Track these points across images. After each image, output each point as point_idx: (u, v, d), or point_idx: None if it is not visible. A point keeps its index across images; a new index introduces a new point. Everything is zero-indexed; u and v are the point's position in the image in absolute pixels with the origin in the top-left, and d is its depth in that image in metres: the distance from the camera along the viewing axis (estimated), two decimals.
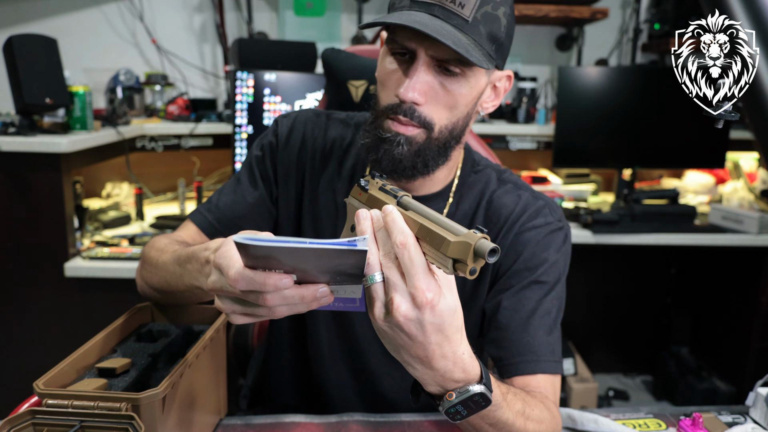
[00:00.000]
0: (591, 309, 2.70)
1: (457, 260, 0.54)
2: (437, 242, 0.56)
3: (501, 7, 0.76)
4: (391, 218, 0.58)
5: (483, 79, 0.81)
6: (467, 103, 0.81)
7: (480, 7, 0.74)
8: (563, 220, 0.93)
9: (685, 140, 2.36)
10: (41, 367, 0.69)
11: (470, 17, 0.74)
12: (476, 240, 0.53)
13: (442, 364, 0.59)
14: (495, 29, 0.76)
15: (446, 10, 0.74)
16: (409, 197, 0.65)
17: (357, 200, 0.72)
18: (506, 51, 0.80)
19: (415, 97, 0.77)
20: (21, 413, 0.62)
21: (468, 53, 0.72)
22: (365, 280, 0.58)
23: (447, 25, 0.74)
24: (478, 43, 0.75)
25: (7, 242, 1.75)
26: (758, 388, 0.87)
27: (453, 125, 0.82)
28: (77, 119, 1.81)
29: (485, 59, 0.75)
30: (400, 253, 0.56)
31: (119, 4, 2.40)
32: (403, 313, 0.55)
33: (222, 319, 0.84)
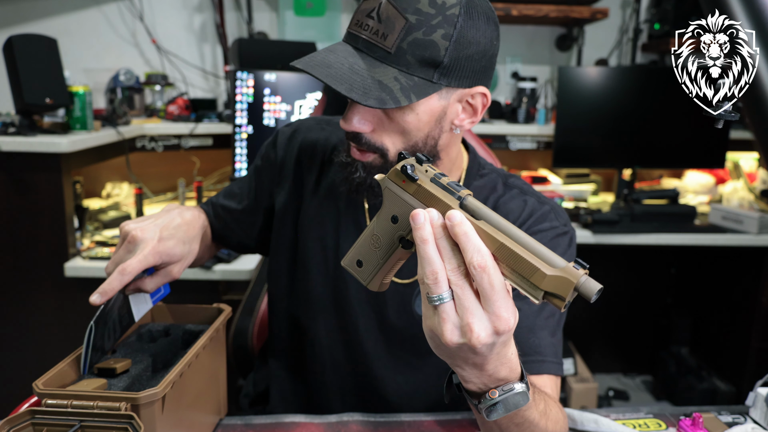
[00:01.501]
0: (591, 309, 2.69)
1: (551, 294, 0.51)
2: (526, 270, 0.51)
3: (437, 30, 0.73)
4: (462, 232, 0.53)
5: (436, 102, 0.78)
6: (420, 128, 0.79)
7: (405, 37, 0.73)
8: (569, 225, 0.93)
9: (685, 140, 2.36)
10: (41, 367, 0.69)
11: (393, 48, 0.73)
12: (579, 278, 0.49)
13: (493, 366, 0.58)
14: (430, 54, 0.73)
15: (369, 43, 0.75)
16: (471, 196, 0.58)
17: (399, 187, 0.61)
18: (466, 70, 0.77)
19: (354, 128, 0.79)
20: (20, 413, 0.61)
21: (365, 94, 0.72)
22: (431, 299, 0.54)
23: (364, 60, 0.74)
24: (409, 72, 0.74)
25: (7, 242, 1.75)
26: (758, 388, 0.87)
27: (414, 147, 0.81)
28: (77, 119, 1.81)
29: (403, 94, 0.73)
30: (477, 276, 0.52)
31: (119, 4, 2.40)
32: (483, 341, 0.53)
33: (222, 319, 0.84)
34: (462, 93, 0.80)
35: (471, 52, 0.76)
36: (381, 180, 0.64)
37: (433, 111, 0.79)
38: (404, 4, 0.73)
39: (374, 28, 0.74)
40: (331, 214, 0.96)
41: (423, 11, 0.73)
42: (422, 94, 0.75)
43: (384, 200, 0.63)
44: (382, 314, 0.93)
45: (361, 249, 0.65)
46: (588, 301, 0.50)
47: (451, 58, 0.75)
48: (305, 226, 0.98)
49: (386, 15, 0.73)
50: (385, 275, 0.65)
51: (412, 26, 0.73)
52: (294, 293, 1.00)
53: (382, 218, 0.63)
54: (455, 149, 0.90)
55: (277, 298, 1.03)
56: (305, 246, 0.97)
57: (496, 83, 2.65)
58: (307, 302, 0.98)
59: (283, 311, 1.02)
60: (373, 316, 0.94)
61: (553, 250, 0.88)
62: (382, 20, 0.74)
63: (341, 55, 0.75)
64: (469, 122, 0.83)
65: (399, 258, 0.64)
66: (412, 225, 0.55)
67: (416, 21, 0.73)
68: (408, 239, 0.61)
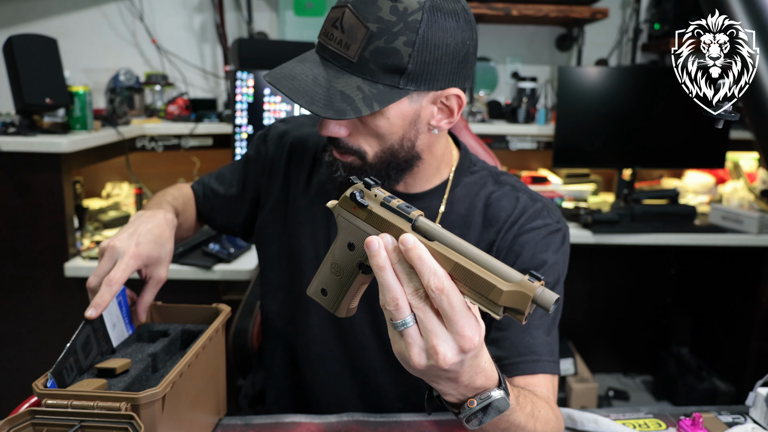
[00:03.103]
0: (591, 309, 2.70)
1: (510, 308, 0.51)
2: (483, 287, 0.52)
3: (399, 37, 0.73)
4: (417, 255, 0.53)
5: (407, 106, 0.79)
6: (394, 131, 0.80)
7: (367, 46, 0.73)
8: (562, 221, 0.93)
9: (685, 140, 2.36)
10: (41, 367, 0.69)
11: (356, 57, 0.74)
12: (535, 290, 0.50)
13: (468, 377, 0.58)
14: (393, 62, 0.74)
15: (334, 53, 0.76)
16: (423, 216, 0.58)
17: (352, 214, 0.61)
18: (435, 73, 0.77)
19: (330, 133, 0.81)
20: (21, 413, 0.61)
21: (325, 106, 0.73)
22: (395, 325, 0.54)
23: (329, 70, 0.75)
24: (373, 81, 0.75)
25: (7, 242, 1.75)
26: (758, 388, 0.87)
27: (390, 149, 0.82)
28: (77, 119, 1.81)
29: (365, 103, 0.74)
30: (437, 298, 0.52)
31: (119, 4, 2.40)
32: (450, 360, 0.53)
33: (221, 319, 0.84)
34: (435, 95, 0.80)
35: (439, 55, 0.76)
36: (333, 208, 0.64)
37: (405, 115, 0.79)
38: (366, 13, 0.73)
39: (338, 37, 0.75)
40: (323, 210, 0.96)
41: (384, 19, 0.73)
42: (386, 101, 0.75)
43: (339, 228, 0.63)
44: (373, 307, 0.94)
45: (323, 278, 0.65)
46: (546, 311, 0.50)
47: (416, 64, 0.75)
48: (297, 222, 0.98)
49: (349, 25, 0.74)
50: (351, 301, 0.66)
51: (374, 35, 0.73)
52: (286, 289, 1.00)
53: (338, 246, 0.63)
54: (440, 147, 0.90)
55: (270, 292, 1.03)
56: (297, 242, 0.98)
57: (496, 83, 2.65)
58: (300, 297, 0.98)
59: (276, 308, 1.02)
60: (366, 309, 0.94)
61: (546, 247, 0.89)
62: (345, 30, 0.74)
63: (308, 66, 0.77)
64: (447, 123, 0.83)
65: (361, 283, 0.64)
66: (367, 252, 0.56)
67: (377, 30, 0.73)
68: (367, 265, 0.61)
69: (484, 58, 2.62)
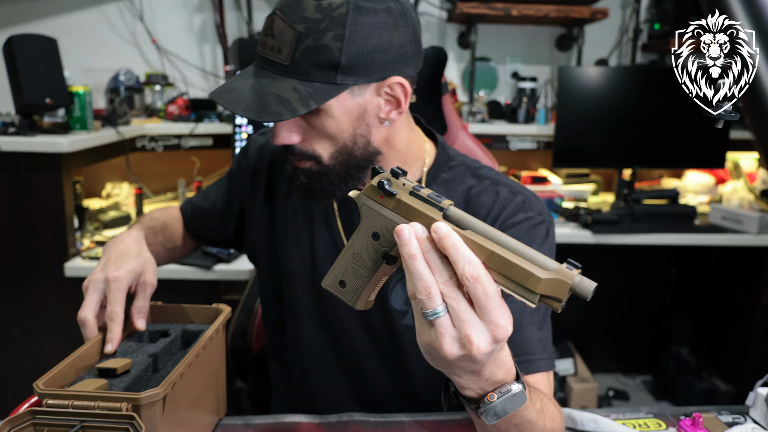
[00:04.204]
0: (591, 309, 2.70)
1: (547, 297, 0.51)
2: (519, 275, 0.51)
3: (327, 33, 0.73)
4: (451, 244, 0.53)
5: (350, 101, 0.79)
6: (343, 129, 0.80)
7: (297, 47, 0.74)
8: (544, 213, 0.91)
9: (685, 140, 2.36)
10: (41, 367, 0.69)
11: (288, 60, 0.75)
12: (574, 278, 0.50)
13: (490, 370, 0.58)
14: (325, 58, 0.74)
15: (269, 60, 0.77)
16: (453, 206, 0.57)
17: (378, 203, 0.60)
18: (372, 64, 0.77)
19: (282, 142, 0.82)
20: (21, 413, 0.61)
21: (260, 111, 0.74)
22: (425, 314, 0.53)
23: (265, 77, 0.76)
24: (308, 80, 0.75)
25: (7, 242, 1.75)
26: (758, 388, 0.87)
27: (345, 148, 0.82)
28: (77, 119, 1.81)
29: (301, 103, 0.74)
30: (471, 287, 0.52)
31: (119, 4, 2.40)
32: (483, 350, 0.52)
33: (222, 319, 0.84)
34: (377, 86, 0.80)
35: (372, 45, 0.76)
36: (357, 197, 0.62)
37: (350, 111, 0.79)
38: (292, 15, 0.74)
39: (271, 44, 0.77)
40: (305, 217, 0.97)
41: (310, 18, 0.74)
42: (324, 98, 0.76)
43: (362, 217, 0.62)
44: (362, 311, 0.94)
45: (343, 269, 0.64)
46: (585, 299, 0.50)
47: (349, 57, 0.75)
48: (282, 232, 0.99)
49: (278, 30, 0.75)
50: (371, 293, 0.65)
51: (302, 35, 0.74)
52: (280, 298, 1.01)
53: (362, 236, 0.62)
54: (403, 141, 0.89)
55: (267, 303, 1.05)
56: (284, 251, 0.98)
57: (496, 83, 2.65)
58: (291, 306, 0.99)
59: (273, 316, 1.04)
60: (357, 313, 0.94)
61: (530, 241, 0.88)
62: (275, 36, 0.76)
63: (246, 77, 0.79)
64: (396, 113, 0.83)
65: (383, 274, 0.63)
66: (397, 241, 0.55)
67: (305, 29, 0.74)
68: (392, 255, 0.60)
69: (484, 58, 2.62)
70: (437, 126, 1.28)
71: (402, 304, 0.92)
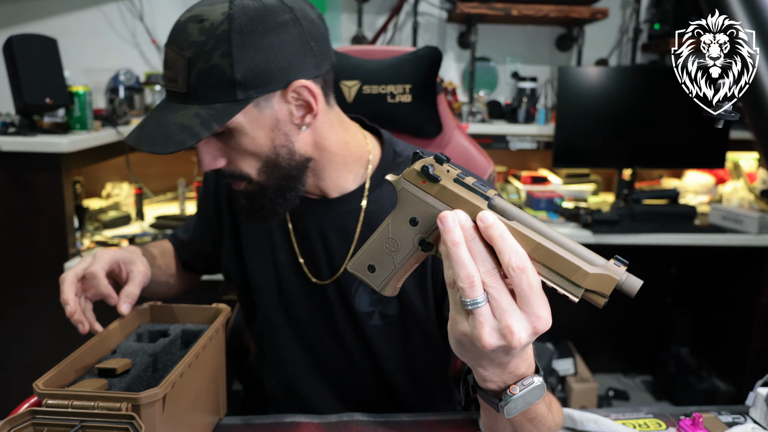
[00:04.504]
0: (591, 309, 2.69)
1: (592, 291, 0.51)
2: (566, 269, 0.51)
3: (214, 52, 0.72)
4: (498, 234, 0.52)
5: (260, 114, 0.78)
6: (262, 143, 0.79)
7: (190, 73, 0.74)
8: None
9: (685, 140, 2.36)
10: (41, 367, 0.69)
11: (185, 88, 0.75)
12: (621, 275, 0.50)
13: (515, 364, 0.58)
14: (218, 77, 0.73)
15: (170, 92, 0.78)
16: (499, 196, 0.56)
17: (419, 188, 0.59)
18: (270, 73, 0.75)
19: (208, 168, 0.81)
20: (21, 413, 0.61)
21: (164, 144, 0.73)
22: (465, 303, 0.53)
23: (168, 110, 0.76)
24: (209, 103, 0.74)
25: (7, 242, 1.75)
26: (758, 388, 0.87)
27: (269, 162, 0.81)
28: (77, 119, 1.81)
29: (203, 127, 0.73)
30: (516, 277, 0.51)
31: (119, 4, 2.40)
32: (524, 341, 0.52)
33: (221, 319, 0.84)
34: (281, 94, 0.78)
35: (265, 55, 0.74)
36: (395, 181, 0.61)
37: (262, 124, 0.78)
38: (180, 43, 0.74)
39: (168, 76, 0.77)
40: (263, 231, 0.97)
41: (196, 42, 0.73)
42: (226, 117, 0.75)
43: (400, 202, 0.60)
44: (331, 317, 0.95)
45: (374, 253, 0.62)
46: (630, 297, 0.51)
47: (242, 72, 0.74)
48: (247, 248, 0.99)
49: (171, 60, 0.75)
50: (400, 279, 0.63)
51: (192, 60, 0.73)
52: (255, 313, 1.02)
53: (398, 220, 0.60)
54: (335, 142, 0.87)
55: (247, 320, 1.06)
56: (252, 268, 0.99)
57: (496, 83, 2.65)
58: (265, 319, 1.00)
59: (253, 330, 1.05)
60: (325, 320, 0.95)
61: None
62: (170, 67, 0.76)
63: (153, 114, 0.79)
64: (311, 117, 0.82)
65: (416, 261, 0.62)
66: (440, 227, 0.54)
67: (193, 54, 0.73)
68: (428, 242, 0.60)
69: (484, 58, 2.62)
70: (432, 126, 1.28)
71: (367, 306, 0.92)
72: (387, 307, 0.91)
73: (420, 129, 1.29)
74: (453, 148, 1.29)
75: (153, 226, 2.04)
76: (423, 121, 1.28)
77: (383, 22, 2.51)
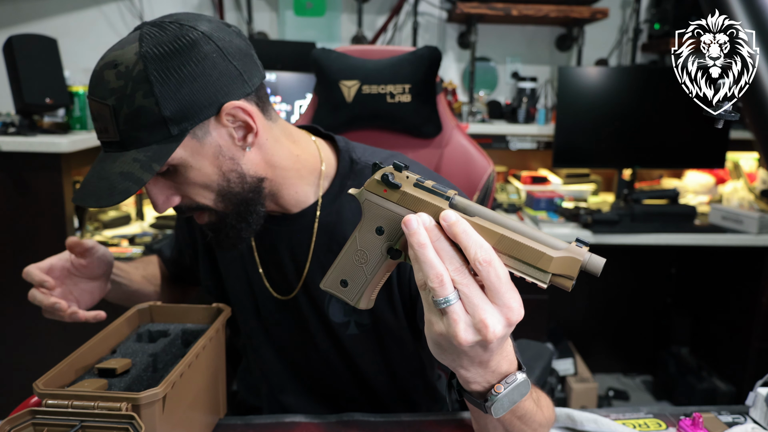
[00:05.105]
0: (591, 309, 2.70)
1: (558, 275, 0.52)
2: (531, 257, 0.53)
3: (136, 94, 0.70)
4: (461, 230, 0.53)
5: (199, 145, 0.75)
6: (211, 171, 0.77)
7: (118, 120, 0.71)
8: None
9: (685, 140, 2.36)
10: (41, 367, 0.69)
11: (117, 136, 0.72)
12: (584, 255, 0.51)
13: (496, 361, 0.58)
14: (147, 118, 0.71)
15: (105, 143, 0.75)
16: (458, 195, 0.58)
17: (381, 197, 0.60)
18: (198, 103, 0.73)
19: (165, 209, 0.80)
20: (21, 413, 0.61)
21: (110, 195, 0.71)
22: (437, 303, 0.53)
23: (107, 161, 0.74)
24: (145, 145, 0.72)
25: (7, 242, 1.75)
26: (758, 388, 0.87)
27: (223, 190, 0.79)
28: (77, 119, 1.81)
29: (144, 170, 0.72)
30: (484, 271, 0.52)
31: (119, 4, 2.40)
32: (499, 334, 0.52)
33: (222, 319, 0.84)
34: (215, 120, 0.76)
35: (188, 86, 0.72)
36: (358, 194, 0.62)
37: (205, 154, 0.76)
38: (101, 92, 0.71)
39: (99, 127, 0.74)
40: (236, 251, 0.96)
41: (116, 88, 0.70)
42: (165, 155, 0.73)
43: (364, 213, 0.61)
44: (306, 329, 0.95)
45: (344, 268, 0.63)
46: (595, 276, 0.51)
47: (171, 107, 0.71)
48: (223, 266, 0.99)
49: (97, 112, 0.73)
50: (373, 291, 0.64)
51: (116, 107, 0.71)
52: (236, 328, 1.03)
53: (364, 232, 0.61)
54: (285, 157, 0.85)
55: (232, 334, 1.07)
56: (229, 285, 0.99)
57: (496, 83, 2.65)
58: (246, 334, 1.01)
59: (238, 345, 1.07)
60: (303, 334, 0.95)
61: None
62: (98, 118, 0.73)
63: (95, 168, 0.76)
64: (252, 136, 0.79)
65: (387, 270, 0.63)
66: (405, 231, 0.55)
67: (116, 101, 0.70)
68: (396, 248, 0.60)
69: (484, 58, 2.62)
70: (431, 125, 1.28)
71: (342, 316, 0.91)
72: (361, 316, 0.91)
73: (419, 129, 1.29)
74: (452, 148, 1.30)
75: (153, 226, 2.04)
76: (422, 121, 1.28)
77: (383, 22, 2.51)
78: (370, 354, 0.94)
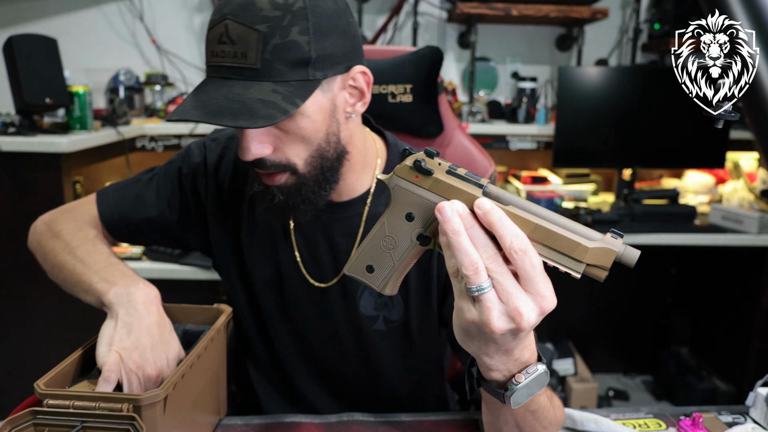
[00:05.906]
0: (591, 309, 2.70)
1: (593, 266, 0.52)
2: (566, 246, 0.53)
3: (292, 28, 0.70)
4: (497, 218, 0.53)
5: (322, 98, 0.75)
6: (318, 128, 0.77)
7: (265, 48, 0.69)
8: None
9: (685, 140, 2.36)
10: (41, 367, 0.69)
11: (258, 63, 0.70)
12: (620, 247, 0.51)
13: (519, 350, 0.58)
14: (296, 54, 0.70)
15: (232, 68, 0.71)
16: (491, 183, 0.58)
17: (412, 183, 0.60)
18: (336, 56, 0.74)
19: (254, 156, 0.76)
20: (22, 413, 0.62)
21: (251, 118, 0.68)
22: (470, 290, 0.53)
23: (235, 86, 0.70)
24: (284, 80, 0.71)
25: (7, 242, 1.75)
26: (758, 388, 0.87)
27: (319, 150, 0.78)
28: (77, 119, 1.81)
29: (287, 102, 0.70)
30: (519, 259, 0.52)
31: (119, 4, 2.40)
32: (532, 322, 0.53)
33: (223, 320, 0.84)
34: (342, 79, 0.78)
35: (334, 37, 0.74)
36: (387, 179, 0.61)
37: (323, 108, 0.76)
38: (249, 17, 0.69)
39: (230, 51, 0.71)
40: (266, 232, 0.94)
41: (270, 17, 0.69)
42: (306, 94, 0.72)
43: (393, 199, 0.61)
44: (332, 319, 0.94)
45: (371, 253, 0.62)
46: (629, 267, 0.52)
47: (317, 51, 0.72)
48: (248, 242, 0.95)
49: (236, 34, 0.70)
50: (399, 277, 0.63)
51: (267, 35, 0.69)
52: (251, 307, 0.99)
53: (393, 218, 0.61)
54: (360, 139, 0.87)
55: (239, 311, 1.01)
56: (252, 262, 0.95)
57: (496, 83, 2.65)
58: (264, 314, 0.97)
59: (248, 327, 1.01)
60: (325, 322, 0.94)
61: None
62: (235, 41, 0.70)
63: (211, 91, 0.72)
64: (362, 105, 0.81)
65: (415, 256, 0.62)
66: (439, 218, 0.54)
67: (268, 28, 0.69)
68: (426, 235, 0.60)
69: (484, 58, 2.62)
70: (433, 126, 1.29)
71: (372, 310, 0.91)
72: (392, 312, 0.91)
73: (421, 129, 1.29)
74: (454, 148, 1.30)
75: None
76: (424, 121, 1.28)
77: (383, 22, 2.51)
78: (390, 352, 0.94)
